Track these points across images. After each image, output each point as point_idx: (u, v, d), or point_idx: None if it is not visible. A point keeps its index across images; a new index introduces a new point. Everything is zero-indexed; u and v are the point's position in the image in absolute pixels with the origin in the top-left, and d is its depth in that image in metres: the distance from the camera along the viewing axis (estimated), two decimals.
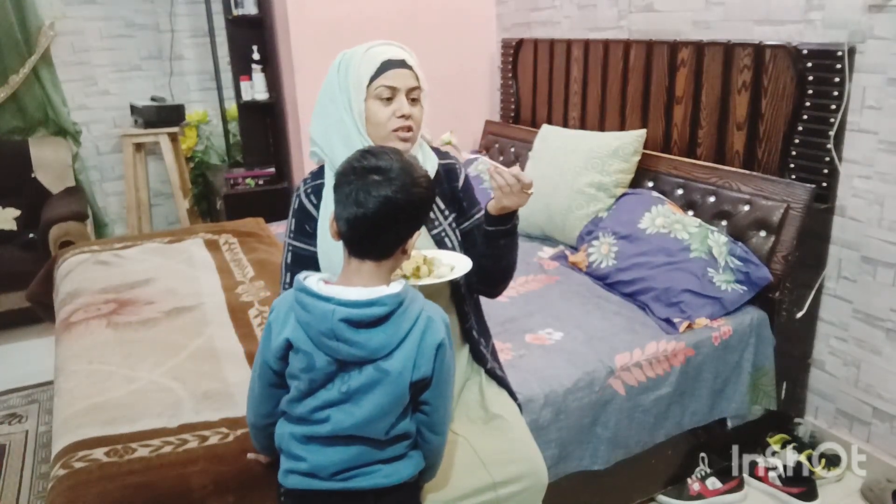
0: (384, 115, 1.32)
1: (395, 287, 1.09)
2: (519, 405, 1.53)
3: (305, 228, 1.40)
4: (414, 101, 1.34)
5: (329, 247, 1.36)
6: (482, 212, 1.47)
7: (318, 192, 1.40)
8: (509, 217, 1.36)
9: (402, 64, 1.31)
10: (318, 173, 1.42)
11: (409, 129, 1.33)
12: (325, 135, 1.37)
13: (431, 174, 1.38)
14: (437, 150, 1.47)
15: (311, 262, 1.39)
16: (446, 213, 1.45)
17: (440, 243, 1.42)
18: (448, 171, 1.46)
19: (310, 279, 1.10)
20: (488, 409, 1.45)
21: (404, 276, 1.27)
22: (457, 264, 1.33)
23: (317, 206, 1.39)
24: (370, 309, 1.05)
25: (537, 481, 1.39)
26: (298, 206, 1.41)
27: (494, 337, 1.73)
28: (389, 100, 1.31)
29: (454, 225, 1.46)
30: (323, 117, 1.37)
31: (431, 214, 1.42)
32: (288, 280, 1.41)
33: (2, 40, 3.36)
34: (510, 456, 1.38)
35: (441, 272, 1.31)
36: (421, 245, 1.38)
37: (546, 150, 2.68)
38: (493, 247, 1.39)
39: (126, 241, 2.72)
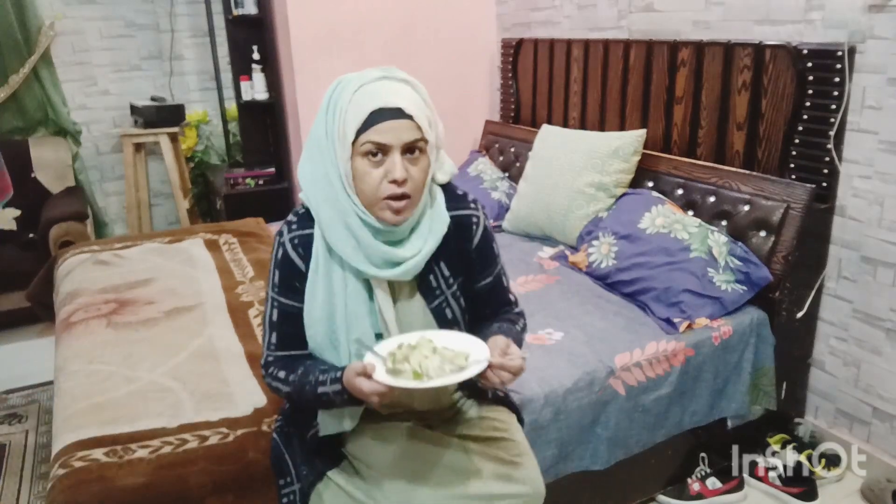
0: (373, 180, 1.09)
1: None
2: (518, 408, 1.50)
3: (294, 285, 1.20)
4: (414, 157, 1.10)
5: (314, 319, 1.18)
6: (499, 267, 1.30)
7: (306, 244, 1.20)
8: None
9: (397, 114, 1.07)
10: (304, 220, 1.21)
11: (405, 196, 1.10)
12: (312, 185, 1.17)
13: (440, 236, 1.19)
14: (453, 196, 1.24)
15: (302, 319, 1.21)
16: (451, 280, 1.24)
17: (440, 315, 1.23)
18: (460, 227, 1.22)
19: None
20: (488, 423, 1.37)
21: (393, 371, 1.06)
22: (471, 353, 1.09)
23: (304, 259, 1.19)
24: None
25: (533, 501, 1.31)
26: (282, 258, 1.20)
27: None
28: (380, 159, 1.09)
29: (459, 293, 1.25)
30: (311, 162, 1.17)
31: (433, 283, 1.23)
32: (275, 340, 1.23)
33: (2, 40, 3.36)
34: (507, 473, 1.30)
35: (455, 366, 1.07)
36: (416, 319, 1.22)
37: (546, 150, 2.68)
38: None
39: (126, 241, 2.72)
